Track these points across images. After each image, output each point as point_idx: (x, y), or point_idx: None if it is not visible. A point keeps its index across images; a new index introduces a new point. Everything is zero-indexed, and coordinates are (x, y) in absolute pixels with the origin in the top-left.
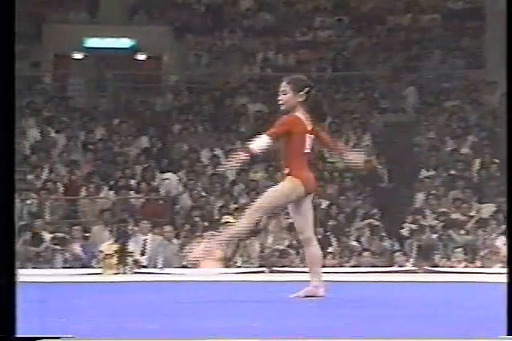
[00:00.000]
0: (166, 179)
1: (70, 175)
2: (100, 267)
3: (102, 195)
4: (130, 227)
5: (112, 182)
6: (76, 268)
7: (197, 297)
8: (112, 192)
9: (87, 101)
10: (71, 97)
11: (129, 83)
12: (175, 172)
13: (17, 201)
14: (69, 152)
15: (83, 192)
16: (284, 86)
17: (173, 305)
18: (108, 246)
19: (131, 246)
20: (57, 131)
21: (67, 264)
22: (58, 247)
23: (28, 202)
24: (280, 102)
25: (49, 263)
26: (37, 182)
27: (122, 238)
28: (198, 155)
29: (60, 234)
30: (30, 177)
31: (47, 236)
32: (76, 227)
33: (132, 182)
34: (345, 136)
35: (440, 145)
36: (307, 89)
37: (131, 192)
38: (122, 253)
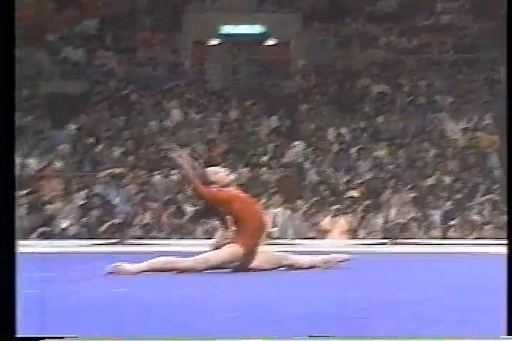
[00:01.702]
0: (295, 156)
1: (208, 153)
2: None
3: (237, 171)
4: (263, 201)
5: (245, 159)
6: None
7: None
8: (246, 169)
9: (222, 85)
10: (208, 81)
11: (259, 67)
12: (302, 150)
13: (161, 177)
14: (207, 131)
15: None
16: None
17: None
18: None
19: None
20: (196, 113)
21: (208, 235)
22: (199, 219)
23: (171, 177)
24: None
25: (191, 235)
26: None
27: None
28: (324, 134)
29: (200, 207)
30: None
31: (189, 209)
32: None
33: (264, 158)
34: (468, 115)
35: None
36: None
37: (263, 168)
38: None
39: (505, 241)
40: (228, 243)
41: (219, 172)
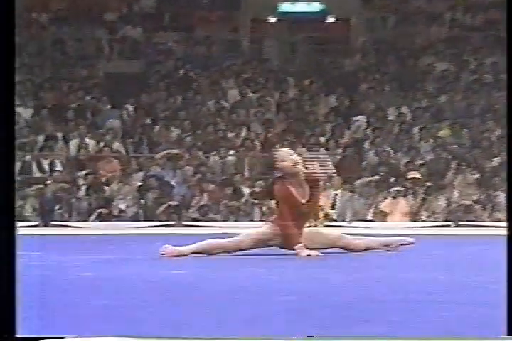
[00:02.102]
0: (354, 136)
1: (265, 133)
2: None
3: (295, 152)
4: (322, 182)
5: (303, 140)
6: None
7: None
8: (304, 149)
9: (281, 63)
10: (266, 59)
11: (318, 45)
12: (362, 130)
13: (217, 158)
14: (264, 111)
15: None
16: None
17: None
18: None
19: (323, 201)
20: (253, 92)
21: (264, 218)
22: (256, 201)
23: (228, 158)
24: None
25: (248, 216)
26: (236, 140)
27: None
28: (384, 113)
29: (258, 189)
30: (230, 135)
31: (246, 190)
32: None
33: (322, 139)
34: None
35: None
36: None
37: (322, 149)
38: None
39: None
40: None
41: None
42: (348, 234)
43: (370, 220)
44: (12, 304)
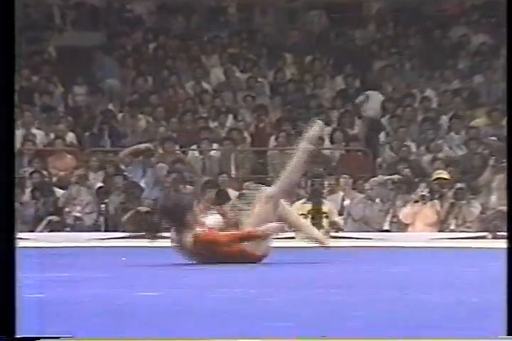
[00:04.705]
0: (366, 126)
1: (257, 123)
2: (293, 230)
3: (293, 146)
4: (325, 183)
5: (303, 131)
6: None
7: (402, 266)
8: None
9: (276, 35)
10: (258, 31)
11: (323, 12)
12: (375, 119)
13: (197, 153)
14: (255, 95)
15: (272, 142)
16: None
17: (372, 278)
18: (300, 206)
19: (327, 206)
20: (242, 71)
21: None
22: (246, 206)
23: (211, 153)
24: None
25: (235, 224)
26: (221, 130)
27: (316, 196)
28: (404, 98)
29: (248, 192)
30: (213, 125)
31: (233, 193)
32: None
33: (327, 130)
34: None
35: None
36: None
37: (326, 142)
38: (317, 214)
39: None
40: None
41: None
42: (359, 247)
43: (387, 230)
44: (12, 304)
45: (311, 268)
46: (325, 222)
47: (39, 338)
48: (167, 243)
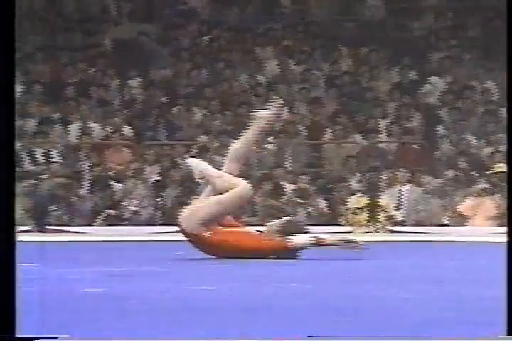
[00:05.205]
0: (424, 119)
1: (312, 116)
2: (350, 224)
3: (348, 139)
4: (382, 177)
5: (360, 124)
6: (320, 225)
7: (462, 262)
8: (359, 136)
9: (331, 27)
10: (313, 22)
11: (380, 3)
12: (433, 111)
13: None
14: (310, 88)
15: (328, 136)
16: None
17: (431, 273)
18: (357, 200)
19: (384, 200)
20: (296, 63)
21: (311, 220)
22: (301, 200)
23: (267, 147)
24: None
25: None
26: (276, 123)
27: (373, 190)
28: (463, 90)
29: (303, 185)
30: None
31: (288, 187)
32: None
33: (383, 123)
34: None
35: None
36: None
37: (382, 135)
38: (373, 208)
39: None
40: None
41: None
42: (417, 241)
43: (446, 225)
44: (12, 304)
45: (367, 262)
46: (382, 216)
47: (38, 338)
48: None
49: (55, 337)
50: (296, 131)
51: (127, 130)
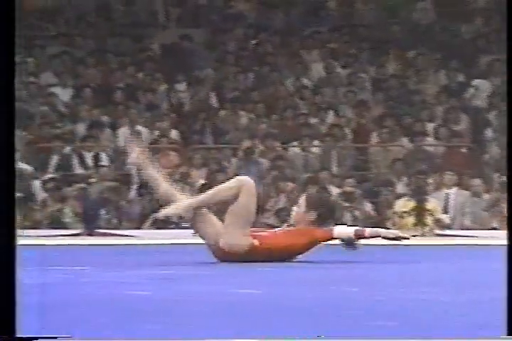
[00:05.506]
0: (471, 122)
1: (358, 119)
2: (396, 228)
3: (395, 142)
4: (430, 180)
5: (406, 127)
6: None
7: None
8: (406, 139)
9: (378, 30)
10: (359, 25)
11: (430, 6)
12: (482, 114)
13: (298, 150)
14: (357, 91)
15: (374, 139)
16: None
17: (478, 277)
18: (404, 203)
19: (431, 203)
20: (343, 66)
21: (357, 223)
22: (347, 204)
23: (312, 150)
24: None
25: (338, 221)
26: (321, 126)
27: (420, 193)
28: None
29: (349, 189)
30: (313, 121)
31: (334, 190)
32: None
33: (431, 126)
34: None
35: None
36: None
37: (430, 138)
38: (421, 212)
39: None
40: None
41: None
42: (465, 245)
43: (494, 228)
44: (12, 304)
45: (414, 265)
46: (429, 219)
47: (37, 338)
48: None
49: (55, 337)
50: (342, 134)
51: (174, 134)
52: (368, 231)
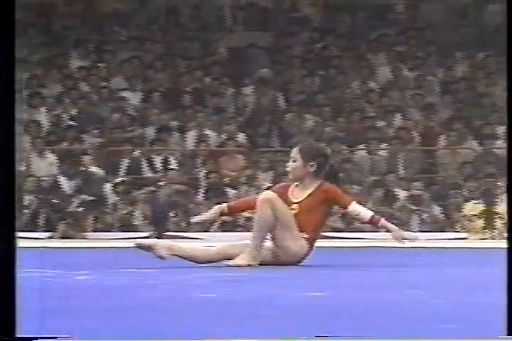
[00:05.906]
0: None
1: (426, 122)
2: (465, 231)
3: (464, 145)
4: (499, 184)
5: (476, 130)
6: (435, 232)
7: None
8: (475, 142)
9: (446, 32)
10: (426, 28)
11: (500, 8)
12: None
13: (364, 153)
14: (424, 94)
15: (442, 142)
16: (294, 153)
17: None
18: (473, 206)
19: (501, 207)
20: (410, 69)
21: (425, 227)
22: (414, 207)
23: (379, 153)
24: (287, 170)
25: (404, 226)
26: (388, 130)
27: (490, 196)
28: None
29: (417, 192)
30: (380, 124)
31: (401, 193)
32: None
33: (500, 129)
34: None
35: None
36: (320, 159)
37: (499, 141)
38: (490, 215)
39: None
40: None
41: None
42: None
43: None
44: (12, 304)
45: (482, 269)
46: (499, 223)
47: (37, 338)
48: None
49: (55, 337)
50: (410, 137)
51: (241, 137)
52: (382, 221)
